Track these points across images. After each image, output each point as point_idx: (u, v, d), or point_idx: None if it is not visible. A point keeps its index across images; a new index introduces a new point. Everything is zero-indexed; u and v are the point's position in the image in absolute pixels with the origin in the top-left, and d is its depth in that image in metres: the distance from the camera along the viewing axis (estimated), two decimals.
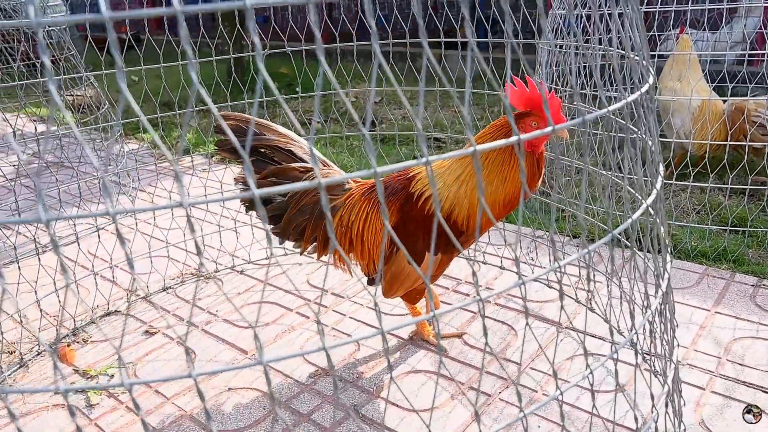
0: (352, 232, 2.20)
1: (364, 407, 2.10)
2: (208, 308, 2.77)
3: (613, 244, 1.18)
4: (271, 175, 2.21)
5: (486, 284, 2.83)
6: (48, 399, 2.23)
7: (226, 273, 3.10)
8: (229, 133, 0.75)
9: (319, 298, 2.80)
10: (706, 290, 2.67)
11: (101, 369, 2.36)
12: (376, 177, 0.80)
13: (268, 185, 2.16)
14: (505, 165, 1.92)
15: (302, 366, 2.34)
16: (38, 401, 2.21)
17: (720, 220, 3.27)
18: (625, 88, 1.48)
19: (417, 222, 2.07)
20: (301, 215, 2.23)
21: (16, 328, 2.60)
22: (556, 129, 0.88)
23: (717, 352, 2.26)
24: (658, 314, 1.34)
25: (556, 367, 2.23)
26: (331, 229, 0.79)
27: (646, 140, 1.27)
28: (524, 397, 2.10)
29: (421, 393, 2.16)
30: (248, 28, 0.69)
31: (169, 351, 2.47)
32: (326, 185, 0.74)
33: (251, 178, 0.76)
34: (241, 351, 2.44)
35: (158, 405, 2.18)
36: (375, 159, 0.76)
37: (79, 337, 2.58)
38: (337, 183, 2.20)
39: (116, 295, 2.86)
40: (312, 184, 0.77)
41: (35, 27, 0.66)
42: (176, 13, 0.70)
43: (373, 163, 0.78)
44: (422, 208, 2.06)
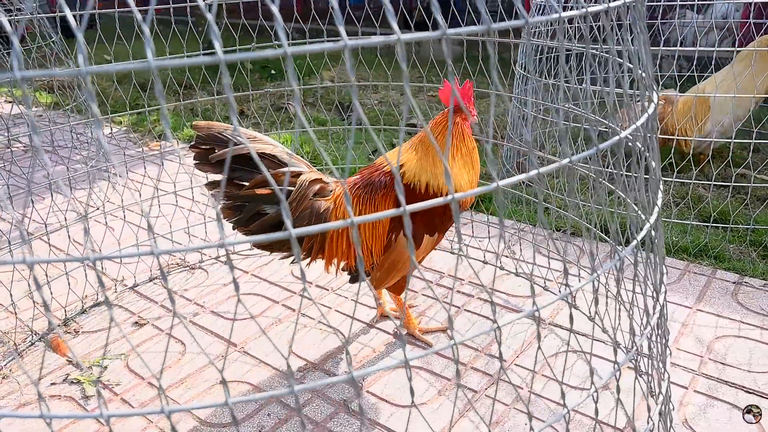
0: (349, 230, 2.25)
1: (354, 402, 2.18)
2: (195, 300, 2.82)
3: (619, 258, 1.26)
4: (262, 183, 2.17)
5: (468, 279, 2.91)
6: (45, 389, 2.27)
7: (211, 263, 3.14)
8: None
9: (303, 291, 2.86)
10: (688, 287, 2.76)
11: (95, 360, 2.41)
12: (343, 184, 0.87)
13: (260, 195, 2.16)
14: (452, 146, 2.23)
15: (291, 359, 2.40)
16: (34, 392, 2.26)
17: (700, 214, 3.37)
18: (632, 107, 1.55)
19: (415, 199, 2.19)
20: (299, 222, 2.24)
21: (8, 318, 2.63)
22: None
23: (699, 351, 2.36)
24: (656, 329, 1.42)
25: (541, 364, 2.32)
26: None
27: (650, 159, 1.34)
28: (510, 395, 2.18)
29: (407, 388, 2.23)
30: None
31: (160, 343, 2.52)
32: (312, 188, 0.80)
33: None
34: (231, 344, 2.50)
35: (153, 397, 2.23)
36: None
37: (70, 328, 2.62)
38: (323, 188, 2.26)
39: (105, 285, 2.89)
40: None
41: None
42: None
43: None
44: (415, 194, 2.19)
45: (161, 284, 2.96)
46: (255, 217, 2.18)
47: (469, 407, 2.13)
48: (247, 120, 5.07)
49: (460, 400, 2.16)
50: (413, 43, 6.03)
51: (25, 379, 2.33)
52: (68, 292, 2.73)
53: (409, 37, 0.81)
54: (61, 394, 2.26)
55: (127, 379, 2.32)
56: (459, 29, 0.86)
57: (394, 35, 0.80)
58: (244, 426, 2.09)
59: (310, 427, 2.08)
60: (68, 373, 2.35)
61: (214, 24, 0.77)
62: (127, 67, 0.80)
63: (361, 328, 2.59)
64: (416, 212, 2.16)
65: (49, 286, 2.66)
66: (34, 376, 2.32)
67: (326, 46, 0.79)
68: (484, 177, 3.56)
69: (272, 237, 0.85)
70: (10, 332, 2.54)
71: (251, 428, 2.08)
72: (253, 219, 2.18)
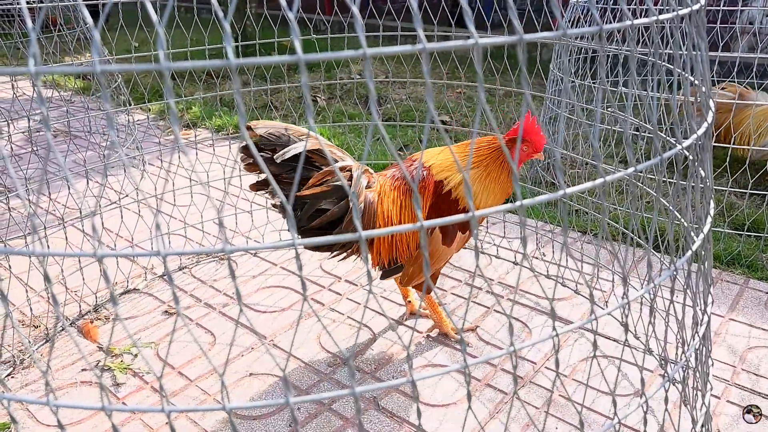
0: (392, 221, 2.25)
1: (383, 399, 2.18)
2: (224, 290, 2.83)
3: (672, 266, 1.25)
4: (323, 179, 2.14)
5: (498, 279, 2.90)
6: (76, 375, 2.29)
7: (240, 255, 3.15)
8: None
9: (332, 285, 2.87)
10: (720, 296, 2.75)
11: (125, 347, 2.43)
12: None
13: (320, 192, 2.15)
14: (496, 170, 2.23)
15: (320, 353, 2.41)
16: (66, 377, 2.28)
17: (733, 222, 3.34)
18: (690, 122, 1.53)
19: (449, 204, 2.22)
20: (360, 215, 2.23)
21: (39, 301, 2.65)
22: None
23: (732, 361, 2.34)
24: (701, 344, 1.41)
25: (572, 368, 2.31)
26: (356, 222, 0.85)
27: (705, 176, 1.33)
28: (540, 398, 2.18)
29: (439, 387, 2.24)
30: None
31: (189, 332, 2.53)
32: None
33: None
34: (260, 336, 2.51)
35: (183, 387, 2.25)
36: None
37: (101, 315, 2.64)
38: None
39: (135, 272, 2.92)
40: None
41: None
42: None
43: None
44: (449, 192, 2.22)
45: (190, 273, 2.97)
46: (315, 215, 2.15)
47: (499, 408, 2.13)
48: (277, 112, 5.08)
49: (490, 402, 2.16)
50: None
51: (55, 364, 2.35)
52: (99, 278, 2.75)
53: (487, 42, 0.81)
54: (92, 380, 2.27)
55: (158, 367, 2.33)
56: (535, 35, 0.86)
57: (471, 39, 0.80)
58: (275, 419, 2.10)
59: (340, 423, 2.08)
60: (99, 360, 2.37)
61: (294, 23, 0.77)
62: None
63: (388, 325, 2.59)
64: (450, 210, 2.19)
65: (82, 273, 2.67)
66: (67, 361, 2.34)
67: (405, 48, 0.79)
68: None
69: (342, 238, 0.84)
70: (42, 316, 2.56)
71: (282, 422, 2.08)
72: (313, 217, 2.15)
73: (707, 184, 1.30)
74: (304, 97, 0.74)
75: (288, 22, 0.73)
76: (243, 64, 0.78)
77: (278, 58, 0.79)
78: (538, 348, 2.42)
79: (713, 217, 3.31)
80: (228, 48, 0.76)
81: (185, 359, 2.38)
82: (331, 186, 2.14)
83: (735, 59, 3.25)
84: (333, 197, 2.15)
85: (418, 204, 0.83)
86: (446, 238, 2.26)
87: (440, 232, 2.25)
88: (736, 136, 3.66)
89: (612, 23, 0.97)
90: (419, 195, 2.22)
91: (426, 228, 2.23)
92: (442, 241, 2.25)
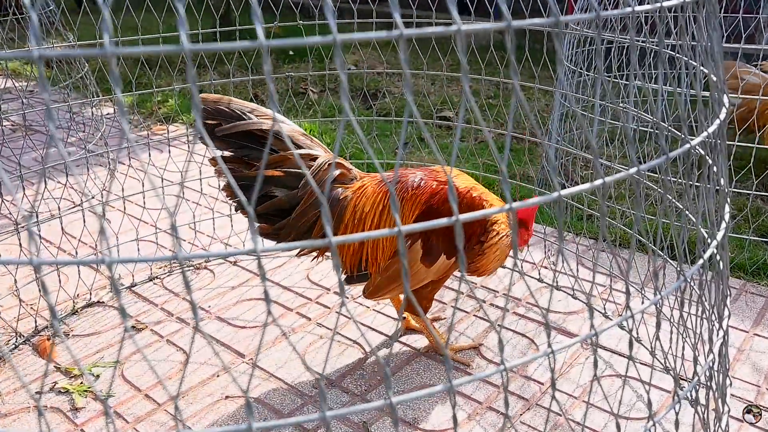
0: (365, 223, 2.25)
1: (374, 424, 2.18)
2: (199, 303, 2.82)
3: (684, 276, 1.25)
4: (273, 164, 2.21)
5: (503, 291, 2.90)
6: (29, 399, 2.29)
7: (218, 264, 3.15)
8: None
9: (320, 298, 2.86)
10: (744, 309, 2.74)
11: (87, 367, 2.42)
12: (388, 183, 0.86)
13: (271, 176, 2.18)
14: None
15: (304, 374, 2.40)
16: (19, 401, 2.27)
17: (758, 228, 3.34)
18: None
19: (441, 216, 2.14)
20: (314, 208, 2.25)
21: None
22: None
23: (756, 380, 2.34)
24: (718, 357, 1.41)
25: (583, 389, 2.31)
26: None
27: (720, 175, 1.33)
28: (548, 421, 2.18)
29: (436, 411, 2.23)
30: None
31: (159, 350, 2.53)
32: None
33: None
34: (238, 354, 2.51)
35: (150, 411, 2.24)
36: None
37: (59, 330, 2.63)
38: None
39: (99, 284, 2.91)
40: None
41: None
42: None
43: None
44: (449, 208, 2.15)
45: (161, 285, 2.97)
46: (262, 200, 2.20)
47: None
48: (263, 105, 5.07)
49: (492, 427, 2.16)
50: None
51: (5, 386, 2.34)
52: (58, 290, 2.74)
53: (470, 29, 0.81)
54: (47, 404, 2.27)
55: (122, 389, 2.33)
56: (523, 21, 0.86)
57: (453, 26, 0.80)
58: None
59: None
60: (56, 381, 2.36)
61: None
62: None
63: (382, 341, 2.59)
64: (446, 228, 2.18)
65: (39, 283, 2.66)
66: (18, 384, 2.34)
67: (380, 35, 0.79)
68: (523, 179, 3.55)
69: (309, 244, 0.84)
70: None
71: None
72: (259, 202, 2.20)
73: (722, 184, 1.30)
74: (267, 85, 0.74)
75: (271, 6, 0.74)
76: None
77: (239, 44, 0.79)
78: (546, 366, 2.42)
79: (733, 222, 3.33)
80: (182, 34, 0.76)
81: (153, 380, 2.38)
82: (284, 172, 2.16)
83: (759, 51, 3.25)
84: (285, 184, 2.17)
85: (395, 206, 0.83)
86: (427, 256, 2.22)
87: (421, 248, 2.24)
88: (762, 133, 3.66)
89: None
90: (398, 199, 2.23)
91: (409, 239, 2.21)
92: (422, 258, 2.22)
